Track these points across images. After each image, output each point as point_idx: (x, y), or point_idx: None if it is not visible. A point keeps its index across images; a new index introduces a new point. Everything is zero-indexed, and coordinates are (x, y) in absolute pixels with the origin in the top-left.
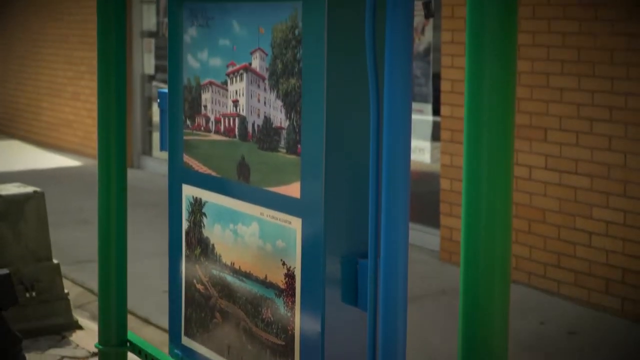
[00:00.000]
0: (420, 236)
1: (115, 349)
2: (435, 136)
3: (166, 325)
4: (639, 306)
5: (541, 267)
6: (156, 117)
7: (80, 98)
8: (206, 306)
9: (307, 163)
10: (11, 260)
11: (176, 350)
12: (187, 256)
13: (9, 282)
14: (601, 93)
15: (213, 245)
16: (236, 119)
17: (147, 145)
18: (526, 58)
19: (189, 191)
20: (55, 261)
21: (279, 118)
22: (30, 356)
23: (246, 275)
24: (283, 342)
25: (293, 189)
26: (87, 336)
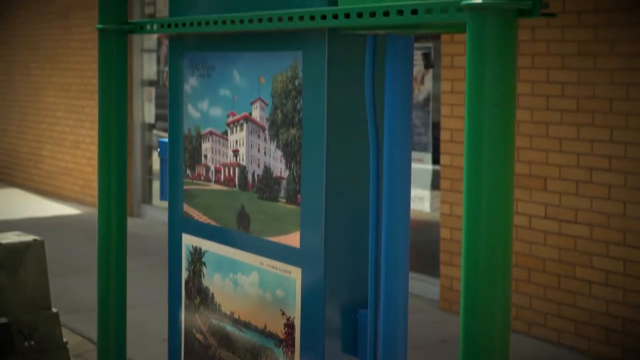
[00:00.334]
0: (420, 285)
1: None
2: (435, 185)
3: None
4: None
5: (541, 317)
6: (156, 166)
7: (80, 146)
8: (205, 356)
9: (307, 213)
10: (10, 308)
11: None
12: (187, 305)
13: (8, 331)
14: (600, 142)
15: (213, 294)
16: (236, 169)
17: (147, 193)
18: (526, 107)
19: (189, 240)
20: (54, 310)
21: (279, 168)
22: None
23: (246, 324)
24: None
25: (293, 239)
26: None
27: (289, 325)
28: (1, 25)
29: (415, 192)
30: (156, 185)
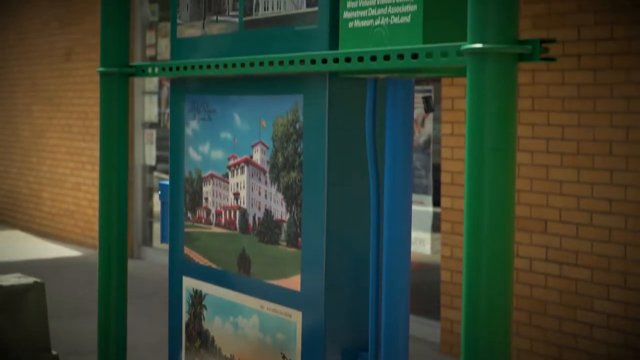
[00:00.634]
0: (420, 328)
1: None
2: (435, 227)
3: None
4: None
5: None
6: (157, 208)
7: (81, 188)
8: None
9: (308, 256)
10: (10, 350)
11: None
12: (187, 348)
13: None
14: (601, 185)
15: (213, 337)
16: (237, 212)
17: (148, 235)
18: (526, 150)
19: (190, 283)
20: (54, 352)
21: (280, 211)
22: None
23: None
24: None
25: (293, 282)
26: None
27: None
28: (3, 66)
29: (415, 235)
30: (157, 227)
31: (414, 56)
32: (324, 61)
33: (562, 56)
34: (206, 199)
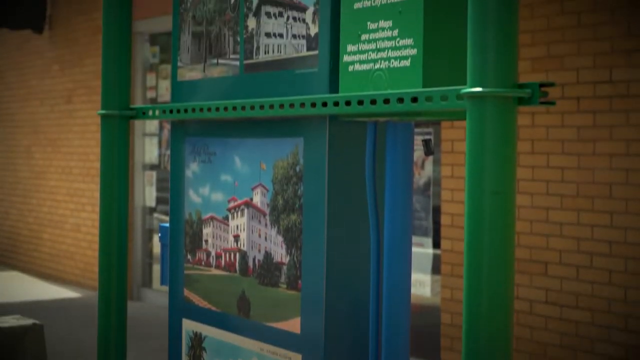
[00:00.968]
0: None
1: None
2: (435, 270)
3: None
4: None
5: None
6: (157, 249)
7: (81, 230)
8: None
9: (308, 299)
10: None
11: None
12: None
13: None
14: (601, 227)
15: None
16: (237, 254)
17: (148, 277)
18: (526, 192)
19: (189, 325)
20: None
21: (280, 253)
22: None
23: None
24: None
25: (293, 325)
26: None
27: None
28: (3, 107)
29: (415, 277)
30: (156, 268)
31: (414, 100)
32: (324, 104)
33: (562, 99)
34: (206, 241)
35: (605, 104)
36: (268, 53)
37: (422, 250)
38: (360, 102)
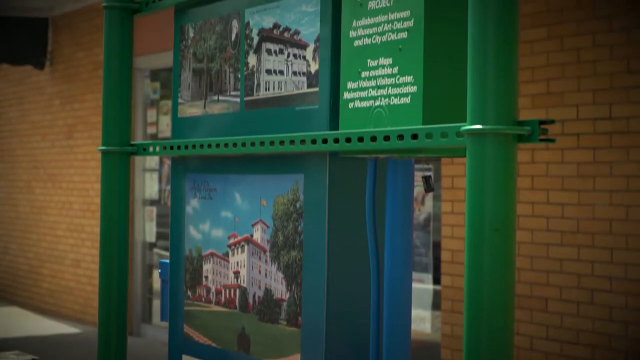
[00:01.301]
0: None
1: None
2: (435, 306)
3: None
4: None
5: None
6: (157, 285)
7: (81, 265)
8: None
9: (308, 335)
10: None
11: None
12: None
13: None
14: (601, 263)
15: None
16: (237, 290)
17: (147, 312)
18: (526, 228)
19: None
20: None
21: (280, 290)
22: None
23: None
24: None
25: None
26: None
27: None
28: (4, 143)
29: (416, 313)
30: (156, 304)
31: (414, 137)
32: (325, 141)
33: (562, 135)
34: (206, 277)
35: (605, 141)
36: (269, 90)
37: (423, 286)
38: (360, 139)
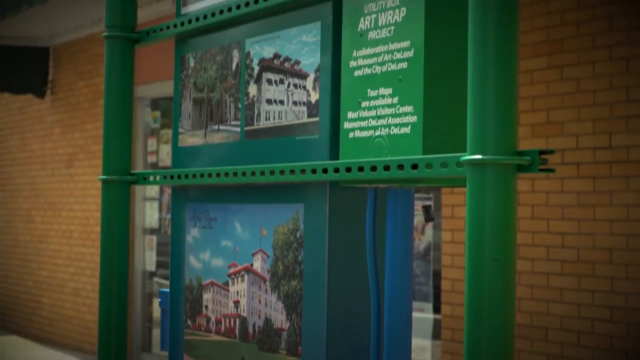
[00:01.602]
0: None
1: None
2: (436, 335)
3: None
4: None
5: None
6: (157, 313)
7: (80, 294)
8: None
9: None
10: None
11: None
12: None
13: None
14: (601, 293)
15: None
16: (237, 320)
17: (147, 341)
18: (526, 258)
19: None
20: None
21: (280, 319)
22: None
23: None
24: None
25: None
26: None
27: None
28: (4, 171)
29: (416, 342)
30: (156, 333)
31: (414, 166)
32: (325, 171)
33: (562, 164)
34: (206, 307)
35: (605, 170)
36: (269, 119)
37: (423, 315)
38: (360, 169)
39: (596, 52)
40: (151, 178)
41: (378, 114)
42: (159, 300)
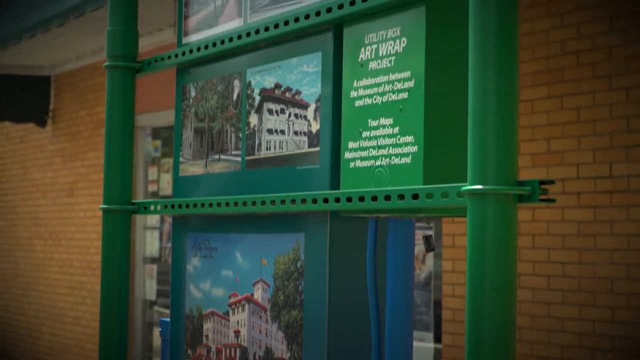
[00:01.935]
0: None
1: None
2: None
3: None
4: None
5: None
6: (157, 342)
7: (80, 323)
8: None
9: None
10: None
11: None
12: None
13: None
14: (602, 322)
15: None
16: (237, 350)
17: None
18: (526, 287)
19: None
20: None
21: (281, 349)
22: None
23: None
24: None
25: None
26: None
27: None
28: (5, 200)
29: None
30: None
31: (415, 196)
32: (325, 200)
33: (562, 194)
34: (206, 337)
35: (605, 199)
36: (270, 149)
37: (424, 344)
38: (361, 199)
39: (596, 82)
40: (152, 207)
41: (379, 144)
42: (160, 329)
